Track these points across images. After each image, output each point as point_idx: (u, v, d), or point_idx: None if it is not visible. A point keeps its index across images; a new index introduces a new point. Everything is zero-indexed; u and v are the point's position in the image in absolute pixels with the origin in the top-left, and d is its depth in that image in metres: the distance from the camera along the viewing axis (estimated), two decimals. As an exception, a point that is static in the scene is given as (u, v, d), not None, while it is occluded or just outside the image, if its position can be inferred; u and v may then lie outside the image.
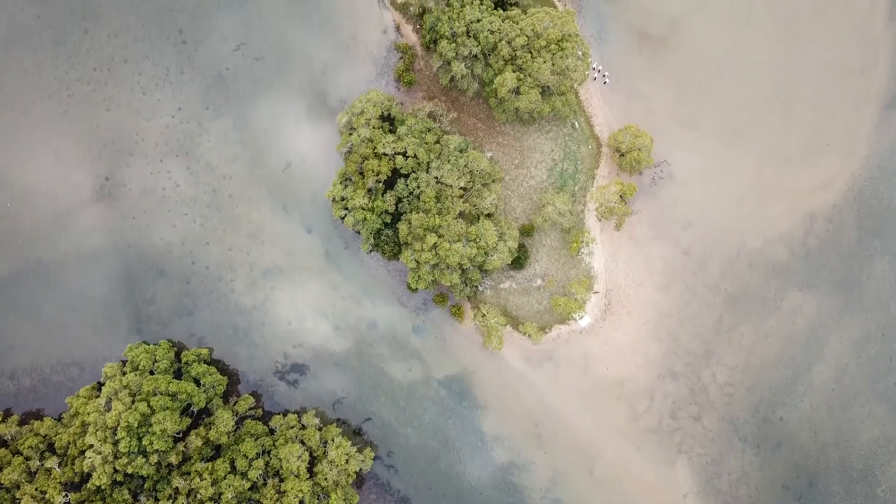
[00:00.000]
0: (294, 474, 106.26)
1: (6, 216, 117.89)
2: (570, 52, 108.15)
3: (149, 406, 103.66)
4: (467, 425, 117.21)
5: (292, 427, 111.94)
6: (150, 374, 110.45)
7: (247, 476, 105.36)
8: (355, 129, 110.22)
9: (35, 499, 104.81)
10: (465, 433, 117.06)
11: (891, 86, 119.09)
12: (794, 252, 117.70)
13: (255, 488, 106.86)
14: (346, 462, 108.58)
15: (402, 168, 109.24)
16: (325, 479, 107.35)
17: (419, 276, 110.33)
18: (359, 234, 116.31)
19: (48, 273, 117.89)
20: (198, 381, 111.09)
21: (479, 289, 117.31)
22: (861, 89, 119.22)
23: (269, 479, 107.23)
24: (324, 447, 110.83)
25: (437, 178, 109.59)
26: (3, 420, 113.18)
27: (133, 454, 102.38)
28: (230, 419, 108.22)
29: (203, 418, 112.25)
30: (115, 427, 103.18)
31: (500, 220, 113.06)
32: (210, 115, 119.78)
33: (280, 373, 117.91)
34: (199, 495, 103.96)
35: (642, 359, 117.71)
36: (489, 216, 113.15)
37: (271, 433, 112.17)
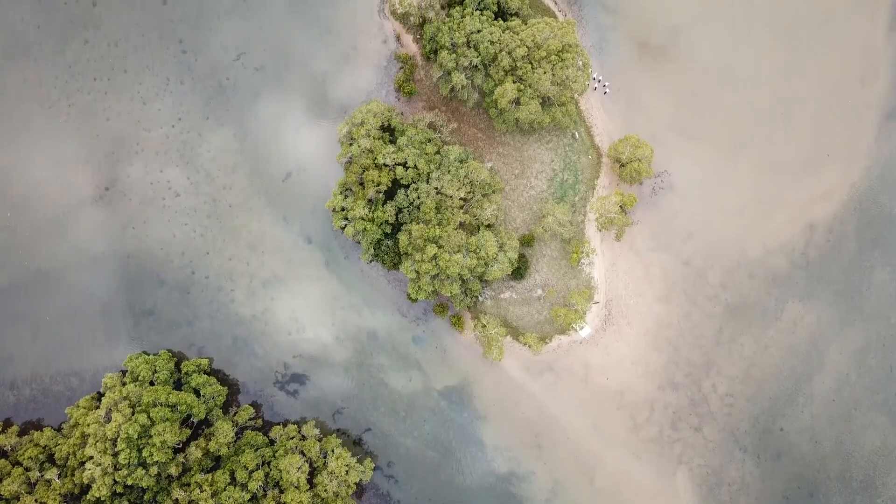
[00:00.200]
0: (294, 485, 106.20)
1: (6, 226, 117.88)
2: (571, 62, 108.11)
3: (149, 417, 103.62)
4: (467, 435, 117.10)
5: (292, 438, 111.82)
6: (150, 384, 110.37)
7: (247, 487, 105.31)
8: (355, 140, 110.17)
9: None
10: (466, 443, 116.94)
11: (891, 97, 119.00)
12: (794, 262, 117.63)
13: (255, 500, 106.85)
14: (346, 473, 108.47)
15: (402, 178, 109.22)
16: (325, 490, 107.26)
17: (419, 286, 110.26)
18: (359, 244, 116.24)
19: (48, 283, 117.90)
20: (198, 392, 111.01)
21: (480, 299, 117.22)
22: (861, 100, 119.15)
23: (269, 490, 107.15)
24: (324, 458, 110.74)
25: (437, 188, 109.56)
26: (3, 430, 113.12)
27: (133, 466, 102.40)
28: (230, 430, 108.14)
29: (203, 429, 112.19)
30: (115, 438, 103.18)
31: (501, 231, 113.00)
32: (210, 125, 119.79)
33: (280, 383, 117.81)
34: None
35: (643, 369, 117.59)
36: (489, 227, 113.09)
37: (271, 444, 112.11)
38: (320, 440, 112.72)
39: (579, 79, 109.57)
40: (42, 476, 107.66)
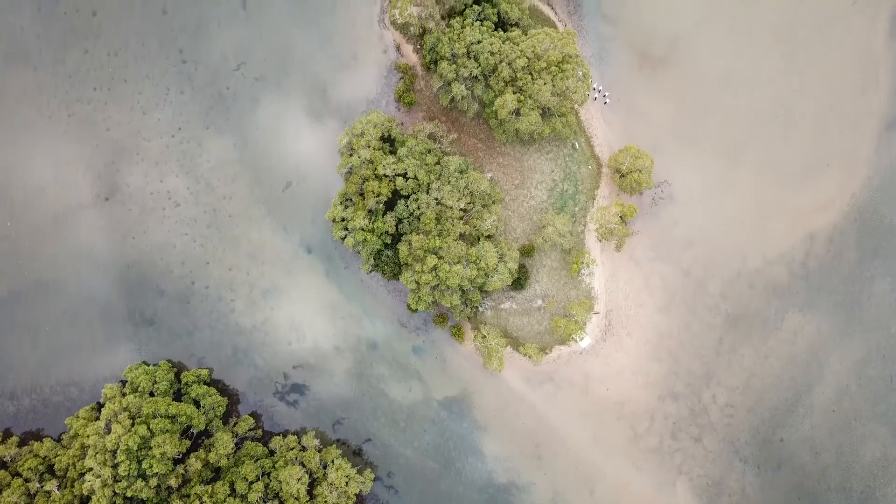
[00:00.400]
0: (294, 497, 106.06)
1: (6, 236, 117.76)
2: (571, 73, 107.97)
3: (148, 429, 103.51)
4: (467, 446, 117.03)
5: (292, 448, 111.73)
6: (150, 395, 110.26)
7: (247, 499, 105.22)
8: (356, 151, 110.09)
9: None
10: (466, 454, 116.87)
11: (891, 105, 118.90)
12: (794, 272, 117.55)
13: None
14: (346, 484, 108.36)
15: (402, 189, 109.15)
16: (324, 501, 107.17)
17: (419, 297, 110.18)
18: (359, 254, 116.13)
19: (48, 292, 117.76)
20: (197, 403, 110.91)
21: (480, 309, 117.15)
22: (862, 109, 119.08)
23: (268, 501, 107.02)
24: (324, 469, 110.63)
25: (437, 199, 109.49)
26: (3, 441, 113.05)
27: (132, 477, 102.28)
28: (230, 441, 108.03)
29: (203, 440, 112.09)
30: (115, 450, 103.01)
31: (501, 241, 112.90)
32: (210, 135, 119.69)
33: (280, 393, 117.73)
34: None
35: (643, 379, 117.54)
36: (489, 237, 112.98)
37: (271, 454, 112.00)
38: (320, 451, 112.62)
39: (579, 89, 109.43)
40: (42, 487, 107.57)
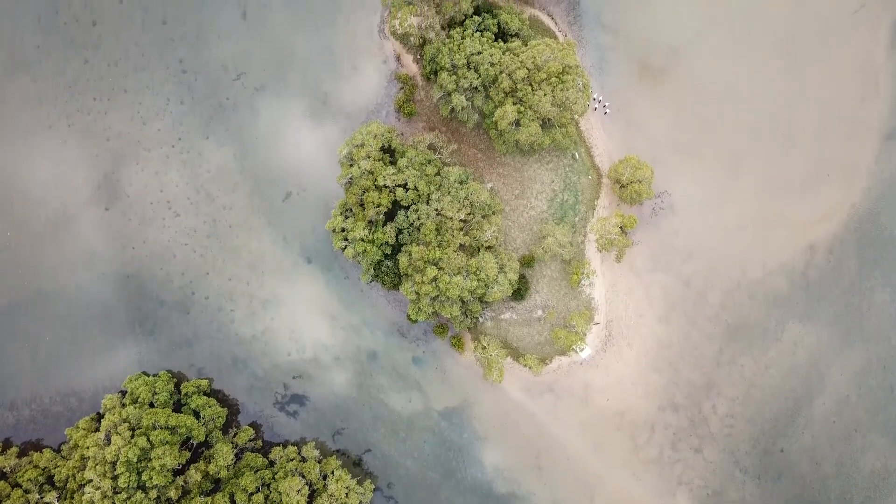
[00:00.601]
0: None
1: (6, 246, 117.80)
2: (571, 84, 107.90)
3: (148, 440, 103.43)
4: (467, 457, 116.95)
5: (292, 459, 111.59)
6: (150, 406, 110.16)
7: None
8: (356, 162, 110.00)
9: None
10: (466, 465, 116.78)
11: (892, 116, 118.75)
12: (794, 283, 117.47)
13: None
14: (346, 495, 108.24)
15: (402, 200, 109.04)
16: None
17: (419, 307, 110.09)
18: (359, 264, 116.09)
19: (47, 302, 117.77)
20: (197, 414, 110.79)
21: (480, 320, 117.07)
22: (862, 120, 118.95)
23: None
24: (323, 480, 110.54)
25: (437, 210, 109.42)
26: (3, 452, 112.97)
27: (132, 489, 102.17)
28: (230, 452, 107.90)
29: (202, 451, 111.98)
30: (115, 461, 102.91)
31: (501, 252, 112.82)
32: (210, 145, 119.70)
33: (280, 403, 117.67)
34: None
35: (643, 390, 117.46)
36: (489, 248, 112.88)
37: (271, 465, 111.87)
38: (320, 462, 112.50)
39: (580, 100, 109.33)
40: (42, 498, 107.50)
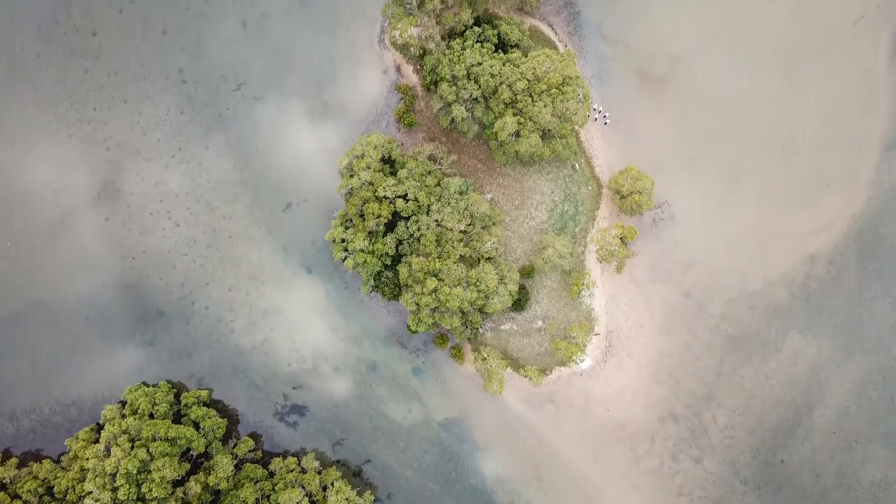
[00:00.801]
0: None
1: (6, 256, 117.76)
2: (571, 95, 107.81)
3: (148, 452, 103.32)
4: (468, 467, 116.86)
5: (292, 470, 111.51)
6: (150, 417, 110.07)
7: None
8: (356, 172, 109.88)
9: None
10: (466, 475, 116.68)
11: (892, 127, 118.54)
12: (795, 294, 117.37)
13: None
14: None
15: (402, 211, 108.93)
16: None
17: (419, 318, 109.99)
18: (359, 275, 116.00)
19: (47, 313, 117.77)
20: (197, 425, 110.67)
21: (480, 331, 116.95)
22: (862, 130, 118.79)
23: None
24: (323, 492, 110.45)
25: (437, 221, 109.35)
26: (3, 462, 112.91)
27: (132, 501, 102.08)
28: (229, 464, 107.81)
29: (202, 462, 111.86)
30: (115, 473, 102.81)
31: (501, 263, 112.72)
32: (210, 155, 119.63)
33: (280, 414, 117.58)
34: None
35: (643, 401, 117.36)
36: (489, 259, 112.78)
37: (271, 476, 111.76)
38: (320, 473, 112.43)
39: (580, 111, 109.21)
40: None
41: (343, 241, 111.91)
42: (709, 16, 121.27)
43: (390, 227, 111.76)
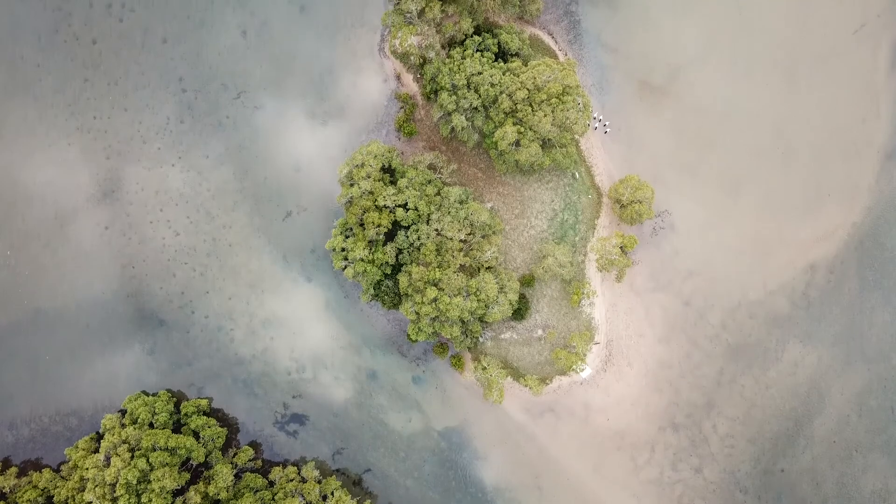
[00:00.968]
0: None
1: (5, 265, 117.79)
2: (571, 104, 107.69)
3: (148, 462, 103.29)
4: (468, 476, 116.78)
5: (292, 480, 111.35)
6: (150, 426, 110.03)
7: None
8: (356, 182, 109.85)
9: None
10: (466, 484, 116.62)
11: (892, 136, 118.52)
12: (795, 303, 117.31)
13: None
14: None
15: (402, 220, 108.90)
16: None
17: (419, 328, 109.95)
18: (359, 284, 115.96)
19: (47, 322, 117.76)
20: (197, 434, 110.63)
21: (480, 340, 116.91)
22: (862, 139, 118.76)
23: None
24: (323, 501, 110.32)
25: (437, 229, 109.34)
26: (2, 471, 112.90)
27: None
28: (229, 474, 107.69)
29: (202, 471, 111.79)
30: (114, 483, 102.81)
31: (501, 272, 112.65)
32: (210, 164, 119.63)
33: (280, 423, 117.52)
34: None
35: (643, 410, 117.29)
36: (489, 268, 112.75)
37: (270, 486, 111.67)
38: (320, 482, 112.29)
39: (580, 120, 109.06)
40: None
41: (343, 250, 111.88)
42: (709, 24, 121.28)
43: (390, 236, 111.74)
